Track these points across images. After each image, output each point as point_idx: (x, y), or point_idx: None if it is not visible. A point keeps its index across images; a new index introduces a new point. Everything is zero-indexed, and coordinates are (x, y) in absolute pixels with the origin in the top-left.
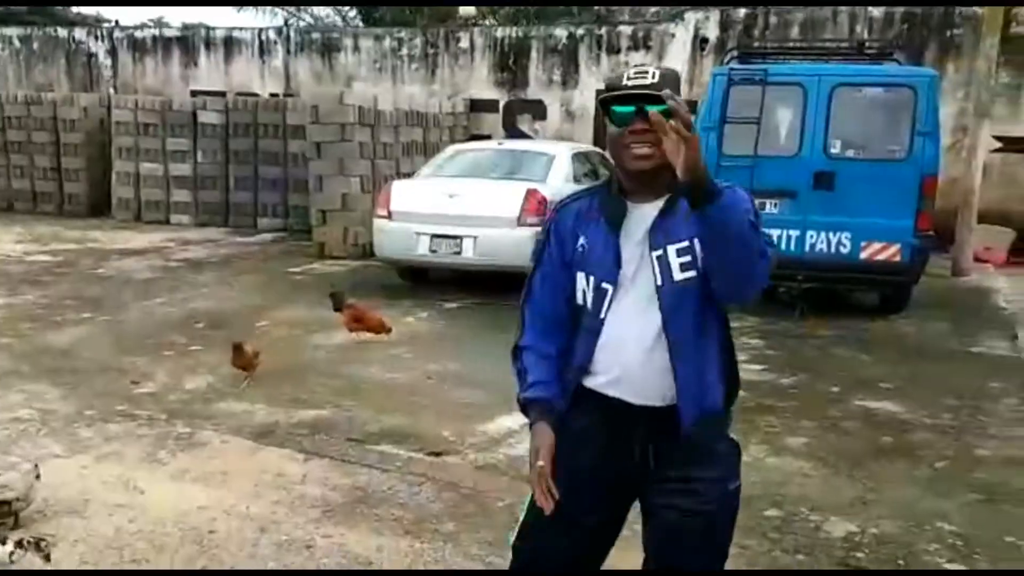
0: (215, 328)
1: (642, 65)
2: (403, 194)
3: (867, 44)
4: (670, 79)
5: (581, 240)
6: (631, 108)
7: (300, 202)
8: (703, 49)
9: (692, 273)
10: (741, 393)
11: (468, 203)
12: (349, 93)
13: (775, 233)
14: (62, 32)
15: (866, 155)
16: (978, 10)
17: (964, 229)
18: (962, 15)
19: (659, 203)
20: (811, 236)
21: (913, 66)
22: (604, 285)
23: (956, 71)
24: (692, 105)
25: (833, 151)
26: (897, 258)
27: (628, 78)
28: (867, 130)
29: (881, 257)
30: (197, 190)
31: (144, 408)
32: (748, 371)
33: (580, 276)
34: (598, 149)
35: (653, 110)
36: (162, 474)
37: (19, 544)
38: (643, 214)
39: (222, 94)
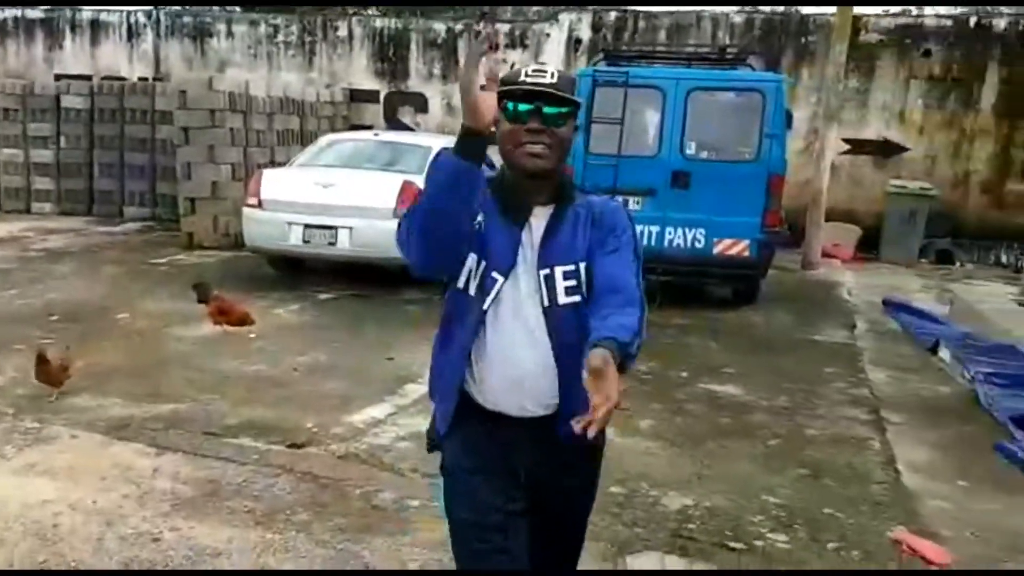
0: (71, 321)
1: (542, 63)
2: (275, 182)
3: (727, 49)
4: (568, 82)
5: (479, 216)
6: (530, 106)
7: (168, 190)
8: (577, 49)
9: (577, 298)
10: None
11: (343, 193)
12: (220, 78)
13: (638, 228)
14: None
15: (719, 156)
16: (831, 18)
17: (813, 226)
18: (816, 22)
19: (547, 212)
20: (669, 232)
21: (769, 71)
22: (495, 275)
23: (810, 76)
24: None
25: (689, 152)
26: (746, 253)
27: (527, 75)
28: (720, 132)
29: (732, 252)
30: (60, 177)
31: None
32: None
33: (471, 256)
34: None
35: (549, 111)
36: (5, 469)
37: None
38: (536, 222)
39: (88, 78)
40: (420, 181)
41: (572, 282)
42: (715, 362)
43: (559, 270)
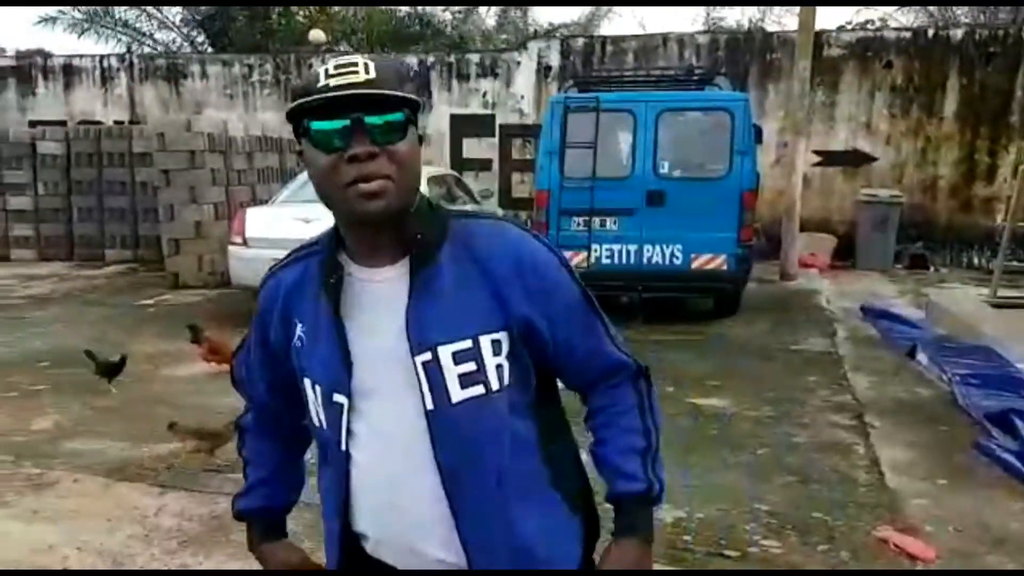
0: (61, 367)
1: (348, 55)
2: (258, 220)
3: (694, 70)
4: (394, 71)
5: (298, 329)
6: (343, 121)
7: (150, 232)
8: (547, 76)
9: (478, 390)
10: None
11: (324, 228)
12: (198, 119)
13: (616, 248)
14: None
15: (692, 174)
16: (794, 35)
17: (788, 237)
18: (780, 39)
19: (403, 269)
20: (648, 250)
21: (735, 89)
22: (337, 398)
23: (776, 92)
24: (539, 128)
25: (662, 171)
26: (724, 267)
27: (328, 75)
28: (691, 151)
29: (710, 267)
30: (39, 223)
31: None
32: None
33: (306, 383)
34: (454, 172)
35: (375, 121)
36: (9, 515)
37: None
38: (387, 290)
39: (63, 123)
40: None
41: (469, 366)
42: (699, 375)
43: (445, 351)
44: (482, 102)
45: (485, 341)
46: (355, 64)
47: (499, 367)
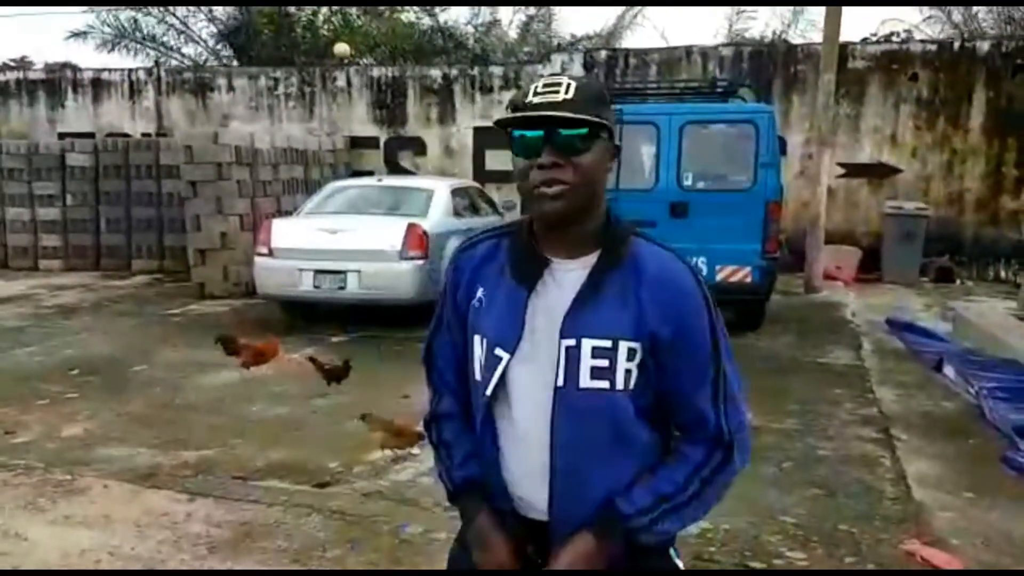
0: (90, 375)
1: (555, 75)
2: (284, 231)
3: (717, 82)
4: (591, 94)
5: (479, 292)
6: (538, 132)
7: (176, 243)
8: None
9: (604, 384)
10: None
11: (350, 238)
12: (224, 132)
13: None
14: None
15: (715, 186)
16: (819, 47)
17: (814, 249)
18: (804, 52)
19: (586, 265)
20: None
21: (759, 101)
22: (498, 352)
23: (801, 104)
24: None
25: (686, 183)
26: (748, 279)
27: (535, 93)
28: (715, 163)
29: (734, 279)
30: (67, 234)
31: (20, 457)
32: None
33: (475, 340)
34: (476, 184)
35: (563, 135)
36: (43, 521)
37: None
38: (564, 279)
39: (91, 136)
40: (424, 223)
41: (602, 362)
42: None
43: (587, 344)
44: (505, 114)
45: (623, 346)
46: (559, 85)
47: (628, 371)
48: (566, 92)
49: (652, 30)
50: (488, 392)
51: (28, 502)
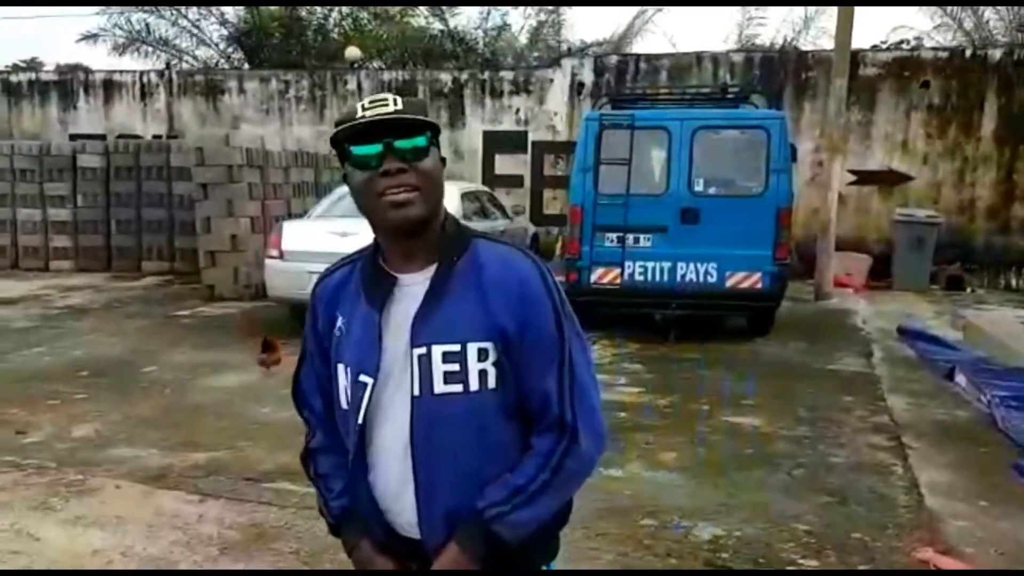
0: (100, 376)
1: (380, 96)
2: (294, 234)
3: (729, 88)
4: (418, 106)
5: (340, 321)
6: (375, 146)
7: (186, 244)
8: (580, 93)
9: (458, 387)
10: (620, 414)
11: (360, 241)
12: (236, 134)
13: (649, 265)
14: None
15: (727, 192)
16: (830, 54)
17: (824, 256)
18: (815, 58)
19: (425, 276)
20: (681, 267)
21: (770, 108)
22: (362, 378)
23: (812, 111)
24: (572, 145)
25: (697, 189)
26: (759, 285)
27: (363, 108)
28: (726, 168)
29: (744, 285)
30: (77, 235)
31: (32, 457)
32: (627, 393)
33: (339, 368)
34: (486, 188)
35: (403, 144)
36: (55, 521)
37: None
38: (411, 292)
39: (102, 137)
40: None
41: (453, 366)
42: (734, 394)
43: (438, 350)
44: (515, 119)
45: (472, 348)
46: (386, 99)
47: (482, 372)
48: (395, 104)
49: (662, 36)
50: (360, 420)
51: (40, 502)
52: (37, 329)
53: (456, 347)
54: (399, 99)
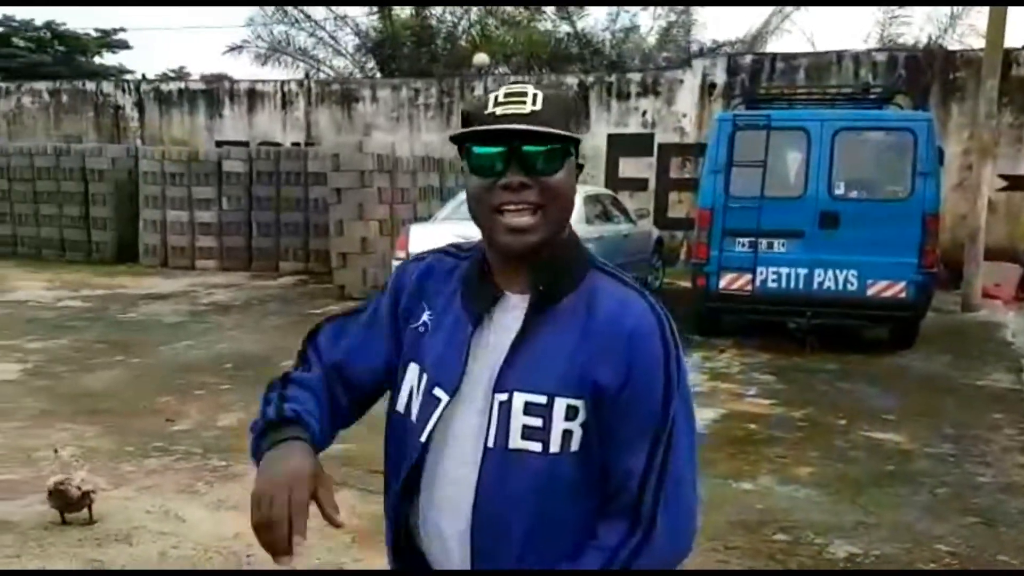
0: (243, 369)
1: (519, 83)
2: (420, 237)
3: (871, 88)
4: (560, 105)
5: (426, 315)
6: (499, 148)
7: (321, 246)
8: (711, 94)
9: (536, 445)
10: (750, 426)
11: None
12: (368, 141)
13: (784, 271)
14: (90, 86)
15: (869, 195)
16: (979, 53)
17: (972, 265)
18: (963, 58)
19: (523, 304)
20: (819, 274)
21: (915, 109)
22: (438, 392)
23: (960, 113)
24: (700, 147)
25: (837, 192)
26: (903, 295)
27: (496, 103)
28: (870, 172)
29: (887, 294)
30: (222, 236)
31: (180, 444)
32: (759, 405)
33: (411, 368)
34: (609, 191)
35: (532, 151)
36: (200, 504)
37: None
38: (515, 314)
39: (245, 144)
40: None
41: (535, 421)
42: (873, 408)
43: (519, 399)
44: (641, 121)
45: (560, 403)
46: (524, 95)
47: (567, 432)
48: (533, 103)
49: (799, 35)
50: (423, 438)
51: (187, 485)
52: (185, 324)
53: (542, 399)
54: (539, 94)
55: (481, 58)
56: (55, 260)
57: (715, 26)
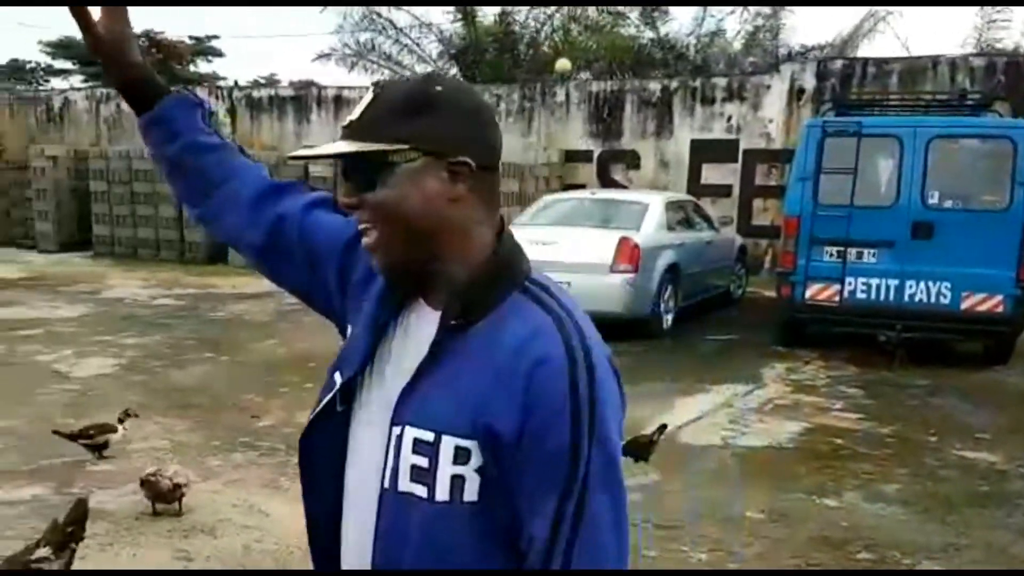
0: (325, 368)
1: (377, 82)
2: None
3: (968, 94)
4: (392, 102)
5: (365, 305)
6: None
7: None
8: (800, 100)
9: (422, 490)
10: (836, 440)
11: (562, 250)
12: None
13: (874, 282)
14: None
15: (965, 205)
16: None
17: None
18: None
19: (433, 323)
20: (910, 286)
21: (1015, 116)
22: (335, 377)
23: None
24: (787, 153)
25: (931, 201)
26: (999, 309)
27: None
28: (966, 181)
29: (983, 308)
30: None
31: (264, 440)
32: (845, 419)
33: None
34: (692, 198)
35: (353, 165)
36: (284, 498)
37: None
38: (420, 333)
39: None
40: (636, 237)
41: (422, 461)
42: (966, 425)
43: (409, 434)
44: (725, 127)
45: (447, 442)
46: (366, 96)
47: (457, 479)
48: (363, 107)
49: (893, 39)
50: (311, 418)
51: (270, 480)
52: (271, 323)
53: (429, 436)
54: (371, 96)
55: (563, 64)
56: (150, 259)
57: (804, 30)
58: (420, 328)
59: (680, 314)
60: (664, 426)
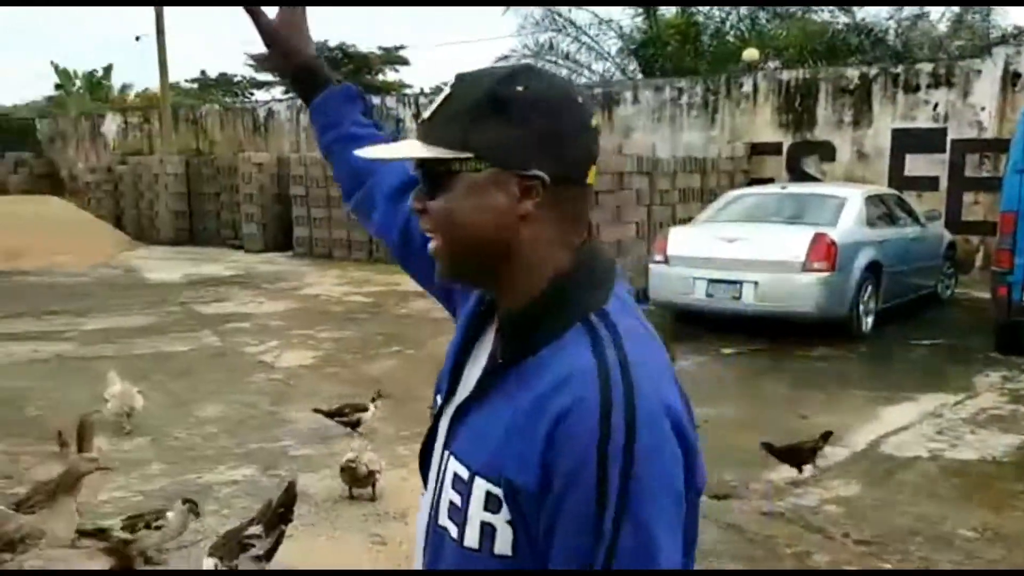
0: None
1: (459, 74)
2: (680, 239)
3: None
4: (465, 102)
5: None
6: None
7: None
8: (1015, 85)
9: (453, 528)
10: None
11: (749, 248)
12: (627, 143)
13: None
14: (375, 100)
15: None
16: None
17: None
18: None
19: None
20: None
21: None
22: (438, 396)
23: None
24: (1002, 143)
25: None
26: None
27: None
28: None
29: None
30: None
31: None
32: (992, 434)
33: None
34: (894, 192)
35: (427, 170)
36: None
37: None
38: (484, 359)
39: None
40: (832, 233)
41: (456, 497)
42: None
43: (452, 465)
44: (931, 115)
45: (480, 485)
46: (442, 92)
47: (487, 526)
48: (437, 104)
49: None
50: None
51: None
52: (450, 320)
53: (464, 472)
54: (447, 92)
55: (750, 53)
56: (343, 259)
57: (1017, 10)
58: (485, 351)
59: (882, 316)
60: (829, 433)
